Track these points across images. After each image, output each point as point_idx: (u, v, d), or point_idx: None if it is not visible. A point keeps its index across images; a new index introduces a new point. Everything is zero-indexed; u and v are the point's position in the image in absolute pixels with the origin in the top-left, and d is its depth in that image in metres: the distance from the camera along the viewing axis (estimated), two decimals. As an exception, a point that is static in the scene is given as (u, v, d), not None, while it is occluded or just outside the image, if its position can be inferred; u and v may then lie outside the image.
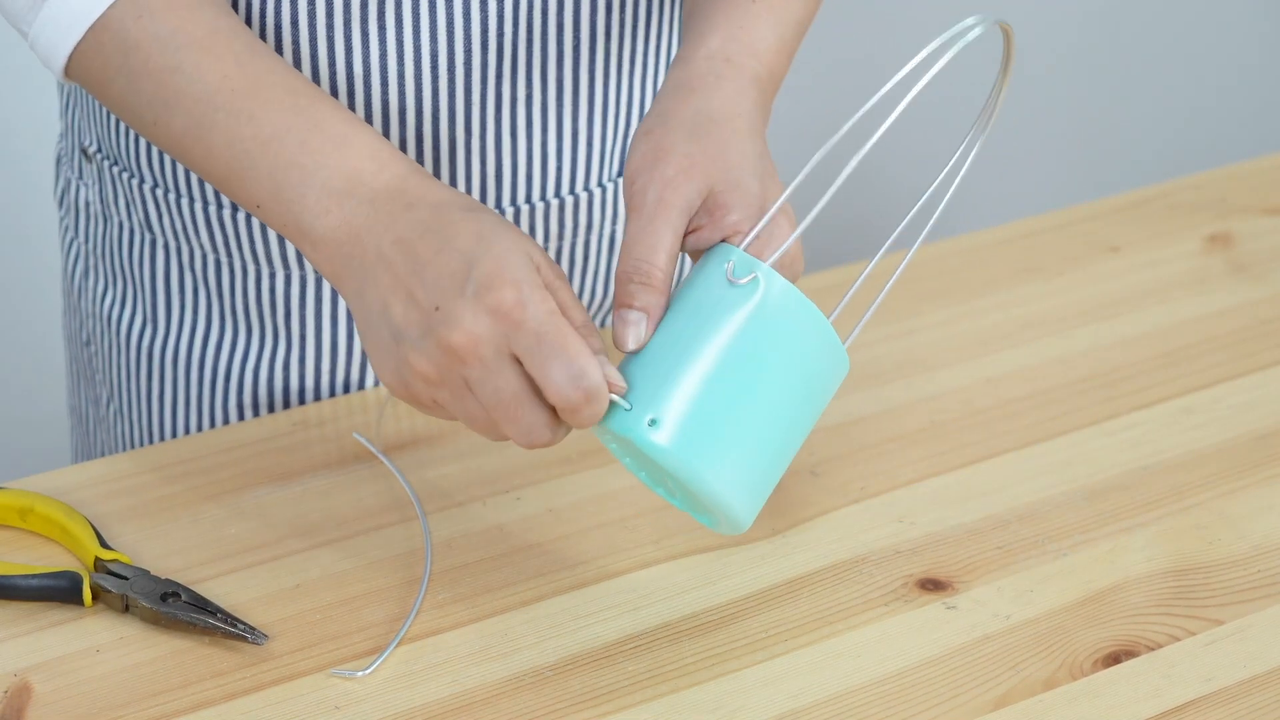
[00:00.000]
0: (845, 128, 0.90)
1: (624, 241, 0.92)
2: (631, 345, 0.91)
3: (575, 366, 0.89)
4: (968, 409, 1.16)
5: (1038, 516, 1.07)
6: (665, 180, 0.93)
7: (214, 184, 0.99)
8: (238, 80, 0.96)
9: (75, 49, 0.99)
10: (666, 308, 0.92)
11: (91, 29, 0.98)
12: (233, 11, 1.01)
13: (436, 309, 0.90)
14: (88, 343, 1.25)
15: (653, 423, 0.90)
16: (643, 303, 0.91)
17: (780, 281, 0.91)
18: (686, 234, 0.94)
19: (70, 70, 1.01)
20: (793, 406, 0.92)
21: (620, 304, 0.91)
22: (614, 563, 1.03)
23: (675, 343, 0.91)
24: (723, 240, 0.93)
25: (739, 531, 0.94)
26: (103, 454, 1.28)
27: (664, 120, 0.95)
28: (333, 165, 0.95)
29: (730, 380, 0.90)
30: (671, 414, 0.90)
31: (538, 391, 0.90)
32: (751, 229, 0.93)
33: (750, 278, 0.91)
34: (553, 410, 0.91)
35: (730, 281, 0.91)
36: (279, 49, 1.07)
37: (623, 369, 0.92)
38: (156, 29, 0.97)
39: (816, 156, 0.90)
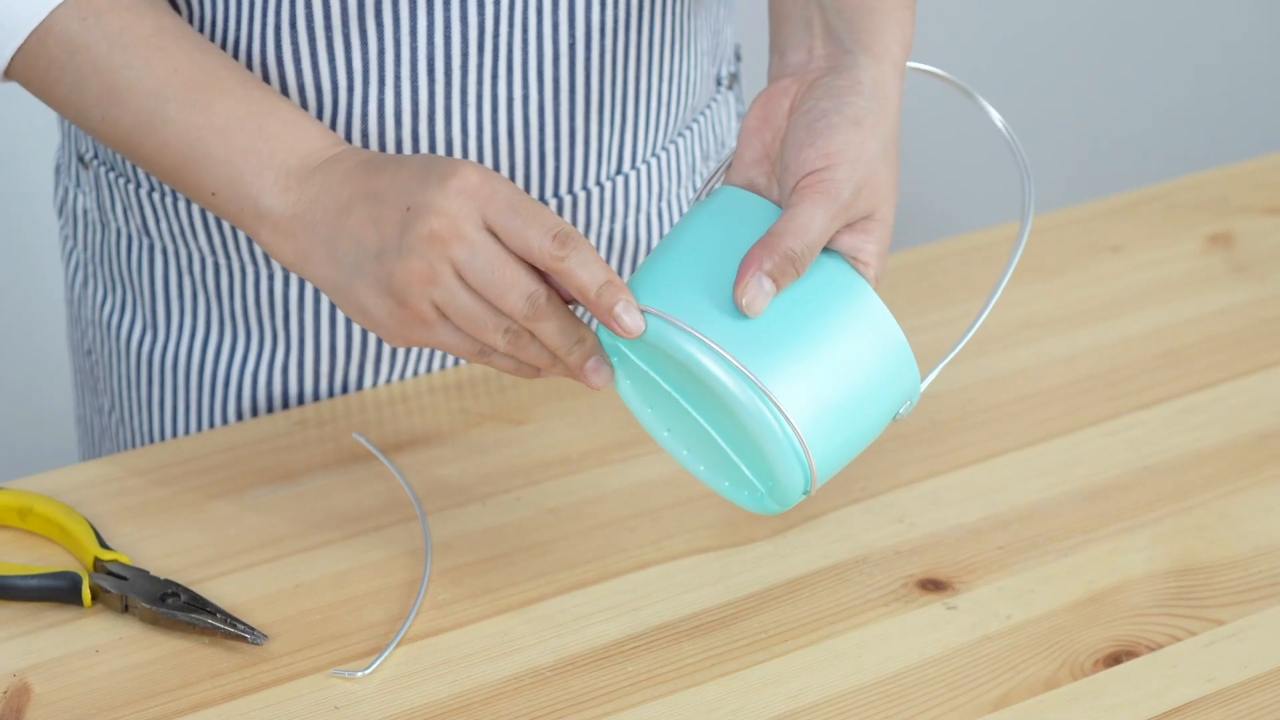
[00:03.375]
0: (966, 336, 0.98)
1: (794, 211, 0.92)
2: (755, 314, 0.90)
3: (550, 221, 0.91)
4: (968, 409, 1.16)
5: (1038, 516, 1.07)
6: (864, 186, 0.93)
7: (162, 177, 1.01)
8: (189, 73, 0.99)
9: (18, 51, 1.01)
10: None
11: (35, 32, 1.00)
12: (175, 13, 1.03)
13: (408, 209, 0.93)
14: (89, 352, 1.25)
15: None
16: (784, 282, 0.90)
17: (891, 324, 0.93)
18: None
19: (11, 71, 1.02)
20: (869, 406, 0.92)
21: (762, 268, 0.90)
22: (614, 563, 1.03)
23: (789, 313, 0.91)
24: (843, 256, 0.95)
25: (783, 504, 0.93)
26: (107, 461, 1.29)
27: (877, 123, 0.95)
28: (288, 147, 0.98)
29: (831, 362, 0.91)
30: (767, 363, 0.90)
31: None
32: (869, 255, 0.94)
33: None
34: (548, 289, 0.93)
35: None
36: (278, 51, 1.07)
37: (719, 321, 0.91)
38: (104, 28, 1.00)
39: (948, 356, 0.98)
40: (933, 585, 1.02)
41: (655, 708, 0.94)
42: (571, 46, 1.11)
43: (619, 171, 1.17)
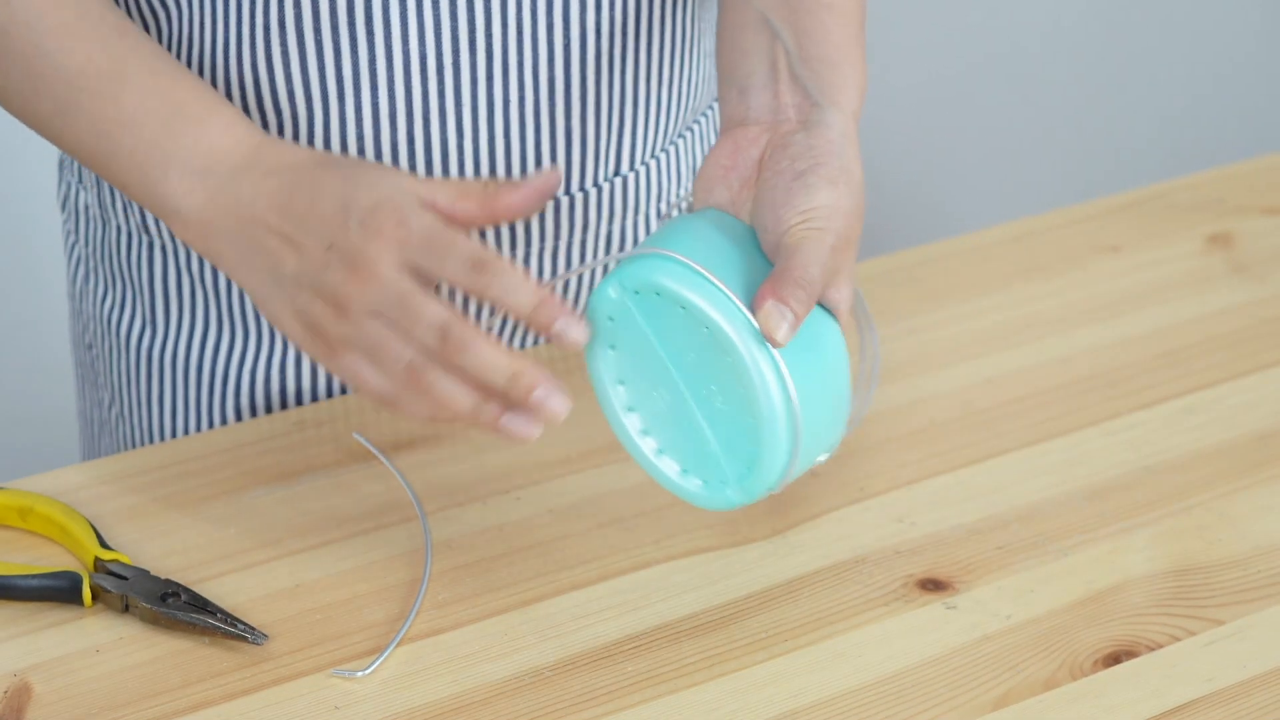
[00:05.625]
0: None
1: (801, 250, 0.92)
2: (782, 340, 0.90)
3: (465, 251, 0.91)
4: (968, 409, 1.16)
5: (1038, 516, 1.07)
6: (842, 240, 0.94)
7: (83, 164, 1.03)
8: (102, 62, 0.99)
9: None
10: None
11: None
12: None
13: (329, 248, 0.93)
14: (90, 346, 1.26)
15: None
16: (800, 310, 0.91)
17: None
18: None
19: None
20: (823, 433, 0.94)
21: (780, 298, 0.91)
22: (614, 563, 1.03)
23: None
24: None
25: (748, 493, 0.94)
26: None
27: (850, 181, 0.95)
28: (191, 145, 0.98)
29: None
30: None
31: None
32: (844, 309, 0.95)
33: None
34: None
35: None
36: (268, 53, 1.07)
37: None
38: (25, 13, 1.00)
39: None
40: (933, 585, 1.02)
41: (655, 708, 0.94)
42: (566, 48, 1.11)
43: (617, 173, 1.17)
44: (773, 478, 0.93)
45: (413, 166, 1.11)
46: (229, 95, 1.09)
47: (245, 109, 1.09)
